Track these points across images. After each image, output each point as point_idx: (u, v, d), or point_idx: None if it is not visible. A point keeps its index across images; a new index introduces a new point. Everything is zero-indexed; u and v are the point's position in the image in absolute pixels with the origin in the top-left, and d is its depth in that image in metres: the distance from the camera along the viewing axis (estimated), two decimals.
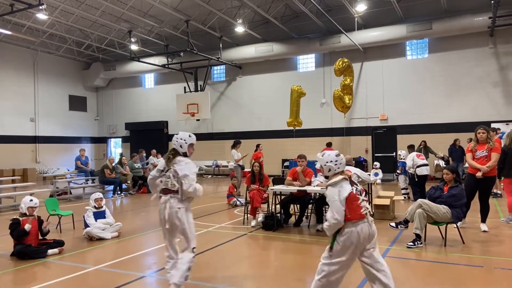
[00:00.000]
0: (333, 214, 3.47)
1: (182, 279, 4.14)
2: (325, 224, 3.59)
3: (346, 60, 15.05)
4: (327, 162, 3.71)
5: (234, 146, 12.63)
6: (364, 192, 3.72)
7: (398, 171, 11.59)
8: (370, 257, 3.62)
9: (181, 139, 4.34)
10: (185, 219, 4.24)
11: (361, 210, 3.53)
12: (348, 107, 15.40)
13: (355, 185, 3.64)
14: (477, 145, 6.84)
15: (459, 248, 5.90)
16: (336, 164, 3.70)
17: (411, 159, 10.14)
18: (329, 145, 16.29)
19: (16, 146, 19.95)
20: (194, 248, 4.28)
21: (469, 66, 16.02)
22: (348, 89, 15.22)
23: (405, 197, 10.78)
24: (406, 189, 11.09)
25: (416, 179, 9.91)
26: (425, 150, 15.13)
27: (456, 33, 15.69)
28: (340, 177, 3.63)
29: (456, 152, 14.22)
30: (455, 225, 6.16)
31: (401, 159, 11.57)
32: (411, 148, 11.30)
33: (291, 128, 16.89)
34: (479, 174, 6.66)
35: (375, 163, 15.16)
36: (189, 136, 4.40)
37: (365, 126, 17.89)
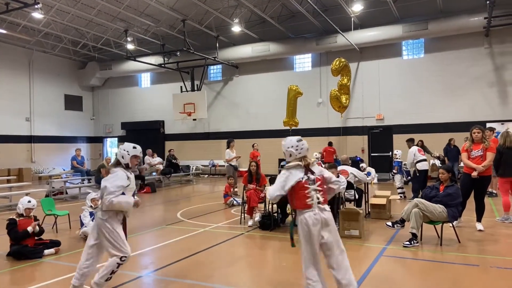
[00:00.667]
0: (271, 191, 3.69)
1: (102, 280, 4.08)
2: (268, 192, 3.80)
3: (343, 60, 15.09)
4: (288, 147, 3.79)
5: (228, 146, 12.59)
6: (320, 182, 3.69)
7: (394, 170, 11.64)
8: (331, 256, 3.68)
9: (124, 150, 4.26)
10: (108, 230, 4.07)
11: (307, 200, 3.58)
12: (345, 106, 15.46)
13: (309, 173, 3.67)
14: (472, 145, 6.89)
15: (455, 247, 5.94)
16: (297, 150, 3.76)
17: (413, 154, 10.20)
18: (330, 144, 16.37)
19: (12, 145, 19.83)
20: (122, 257, 4.07)
21: (465, 66, 16.10)
22: (345, 89, 15.27)
23: (401, 197, 10.82)
24: (402, 188, 11.14)
25: (418, 174, 9.96)
26: (422, 149, 15.21)
27: (452, 33, 15.76)
28: (295, 162, 3.70)
29: (451, 152, 14.28)
30: (451, 224, 6.21)
31: (397, 158, 11.62)
32: (411, 141, 11.09)
33: (288, 128, 16.91)
34: (474, 173, 6.70)
35: (361, 165, 15.12)
36: (133, 147, 4.30)
37: (361, 125, 17.94)
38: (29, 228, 5.81)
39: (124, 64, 21.63)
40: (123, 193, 4.09)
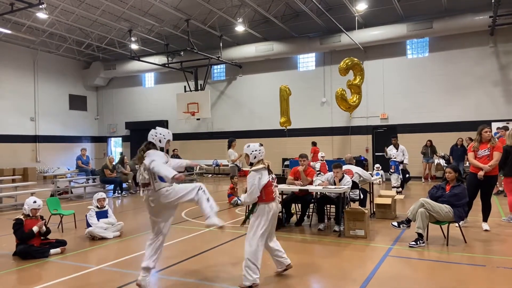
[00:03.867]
0: (249, 195, 4.42)
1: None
2: (242, 198, 4.59)
3: (355, 59, 14.84)
4: (253, 151, 4.58)
5: (230, 146, 12.52)
6: (276, 180, 4.72)
7: (391, 170, 11.72)
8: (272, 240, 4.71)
9: (161, 134, 4.44)
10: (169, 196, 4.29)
11: (273, 194, 4.55)
12: (354, 106, 15.29)
13: (271, 174, 4.61)
14: (479, 145, 6.85)
15: (461, 247, 5.91)
16: (260, 153, 4.59)
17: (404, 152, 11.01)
18: (314, 144, 16.31)
19: (17, 145, 19.94)
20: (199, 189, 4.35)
21: (470, 65, 16.02)
22: (356, 88, 15.08)
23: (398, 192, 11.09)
24: (398, 187, 11.31)
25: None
26: (431, 149, 15.24)
27: (457, 32, 15.69)
28: (262, 165, 4.53)
29: (457, 151, 14.24)
30: (457, 225, 6.17)
31: (394, 158, 11.70)
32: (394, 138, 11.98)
33: (283, 128, 16.85)
34: (481, 173, 6.66)
35: (376, 165, 15.34)
36: (168, 132, 4.54)
37: (366, 125, 17.90)
38: (35, 228, 5.83)
39: (128, 64, 21.68)
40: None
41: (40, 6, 13.59)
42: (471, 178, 6.94)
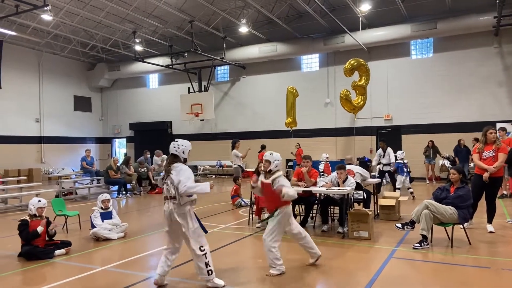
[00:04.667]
0: (293, 192, 4.86)
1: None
2: (291, 192, 4.83)
3: (361, 60, 14.78)
4: (276, 160, 5.04)
5: (234, 147, 12.51)
6: None
7: (391, 170, 11.71)
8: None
9: (183, 145, 4.63)
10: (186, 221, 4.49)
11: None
12: (359, 107, 15.25)
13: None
14: (484, 146, 6.81)
15: (466, 249, 5.89)
16: (280, 163, 5.10)
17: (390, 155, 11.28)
18: (263, 147, 16.30)
19: (21, 146, 20.06)
20: (201, 247, 4.51)
21: (474, 65, 15.96)
22: (361, 89, 15.02)
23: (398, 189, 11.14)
24: (399, 189, 11.29)
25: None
26: (433, 149, 15.16)
27: (461, 32, 15.64)
28: (281, 172, 5.13)
29: (461, 152, 14.18)
30: (461, 226, 6.15)
31: (399, 160, 11.65)
32: (383, 142, 11.94)
33: (289, 128, 16.86)
34: (485, 175, 6.63)
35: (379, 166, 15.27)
36: (188, 142, 4.74)
37: (370, 126, 17.86)
38: (39, 228, 5.85)
39: (132, 65, 21.77)
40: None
41: (45, 8, 13.66)
42: (476, 180, 6.90)
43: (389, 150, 11.54)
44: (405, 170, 11.26)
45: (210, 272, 4.48)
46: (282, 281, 4.75)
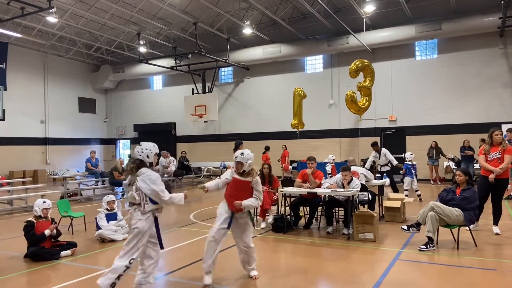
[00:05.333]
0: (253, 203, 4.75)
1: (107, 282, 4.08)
2: (252, 202, 4.76)
3: (366, 61, 14.76)
4: (248, 160, 4.80)
5: (237, 148, 12.48)
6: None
7: (401, 172, 11.63)
8: None
9: (147, 149, 4.30)
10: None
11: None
12: (364, 109, 15.21)
13: None
14: (490, 147, 6.78)
15: (472, 251, 5.86)
16: (252, 161, 4.87)
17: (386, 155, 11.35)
18: (267, 148, 16.27)
19: (27, 147, 20.16)
20: (131, 259, 4.15)
21: (479, 66, 15.89)
22: (366, 91, 14.98)
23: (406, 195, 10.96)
24: (407, 190, 11.20)
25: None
26: (436, 150, 15.09)
27: (466, 33, 15.58)
28: (258, 172, 5.02)
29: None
30: (467, 228, 6.11)
31: (407, 161, 11.58)
32: (376, 145, 11.90)
33: (295, 129, 16.85)
34: (491, 176, 6.59)
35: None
36: (153, 145, 4.39)
37: (374, 127, 17.81)
38: (47, 232, 5.89)
39: (137, 67, 21.84)
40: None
41: (50, 10, 13.76)
42: (482, 181, 6.87)
43: (384, 150, 11.51)
44: (413, 172, 11.19)
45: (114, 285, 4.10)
46: (286, 283, 4.74)
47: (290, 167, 17.22)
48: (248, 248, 4.86)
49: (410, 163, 11.40)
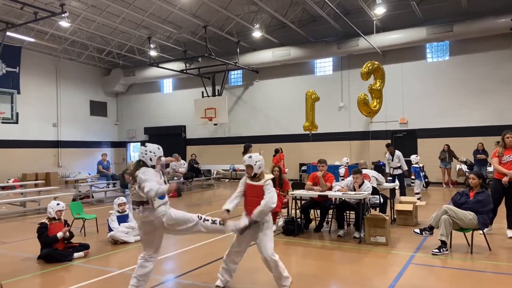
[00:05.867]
0: (272, 204, 4.44)
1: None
2: (265, 206, 4.42)
3: (376, 63, 14.71)
4: (257, 162, 4.62)
5: (246, 152, 12.48)
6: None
7: (412, 176, 11.55)
8: None
9: (151, 151, 4.21)
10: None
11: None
12: (375, 111, 15.13)
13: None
14: (504, 150, 6.69)
15: (486, 255, 5.78)
16: (263, 163, 4.69)
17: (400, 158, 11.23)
18: (277, 151, 16.14)
19: (39, 150, 20.43)
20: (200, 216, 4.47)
21: (492, 68, 15.69)
22: (377, 93, 14.89)
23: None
24: (419, 193, 11.14)
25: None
26: (449, 154, 14.94)
27: (478, 35, 15.40)
28: (271, 176, 4.67)
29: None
30: (481, 232, 6.03)
31: (414, 164, 11.51)
32: (390, 146, 11.92)
33: (307, 132, 16.83)
34: (505, 179, 6.50)
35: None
36: (158, 148, 4.29)
37: (385, 130, 17.68)
38: (59, 234, 5.95)
39: (147, 70, 22.03)
40: None
41: (63, 15, 13.97)
42: (495, 184, 6.78)
43: (398, 153, 11.48)
44: (422, 174, 11.12)
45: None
46: (297, 286, 4.72)
47: (286, 169, 16.69)
48: (266, 259, 4.46)
49: (417, 165, 11.33)
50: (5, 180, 17.62)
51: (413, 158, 12.21)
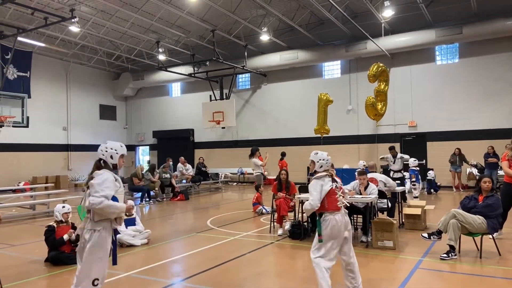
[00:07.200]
0: (311, 201, 4.15)
1: None
2: (306, 205, 4.25)
3: (381, 65, 14.66)
4: (320, 159, 4.37)
5: (253, 155, 12.50)
6: (342, 190, 4.37)
7: (412, 179, 11.47)
8: (344, 248, 4.22)
9: (112, 148, 3.81)
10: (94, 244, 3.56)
11: (337, 203, 4.20)
12: (381, 114, 15.05)
13: (335, 182, 4.31)
14: None
15: (495, 260, 5.68)
16: (326, 163, 4.37)
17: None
18: (283, 155, 16.06)
19: (49, 154, 20.67)
20: (95, 280, 3.58)
21: (502, 70, 15.49)
22: (382, 96, 14.81)
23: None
24: (417, 197, 11.14)
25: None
26: (459, 157, 14.78)
27: (488, 37, 15.23)
28: (325, 173, 4.31)
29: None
30: (490, 236, 5.92)
31: (413, 167, 11.45)
32: (393, 149, 11.97)
33: (319, 135, 16.77)
34: None
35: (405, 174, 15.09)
36: (121, 145, 3.91)
37: (393, 133, 17.54)
38: (65, 236, 5.99)
39: (156, 74, 22.19)
40: (114, 198, 3.62)
41: (73, 20, 14.17)
42: (505, 188, 6.67)
43: (400, 155, 11.73)
44: (420, 177, 11.20)
45: None
46: None
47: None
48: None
49: (416, 168, 11.27)
50: (15, 183, 17.84)
51: (411, 161, 12.15)
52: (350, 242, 4.26)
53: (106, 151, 3.81)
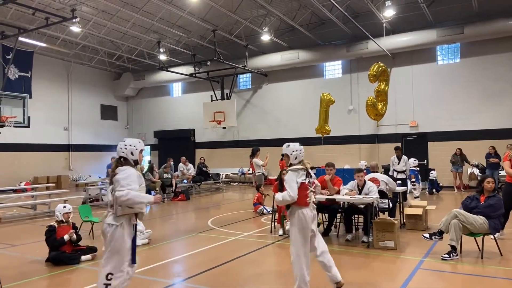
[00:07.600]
0: (289, 192, 4.13)
1: None
2: (279, 196, 4.22)
3: (382, 64, 14.65)
4: (293, 151, 4.37)
5: (254, 155, 12.50)
6: (314, 185, 4.38)
7: (412, 179, 11.46)
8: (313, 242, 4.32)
9: (131, 145, 3.95)
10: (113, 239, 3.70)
11: (307, 199, 4.23)
12: (381, 114, 15.03)
13: (309, 177, 4.31)
14: None
15: (497, 260, 5.66)
16: (300, 153, 4.39)
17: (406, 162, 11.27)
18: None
19: (51, 154, 20.68)
20: (108, 274, 3.71)
21: (504, 70, 15.46)
22: (382, 96, 14.80)
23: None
24: (418, 197, 11.16)
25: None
26: (461, 158, 14.77)
27: (489, 37, 15.20)
28: (300, 165, 4.31)
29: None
30: (492, 237, 5.90)
31: (413, 167, 11.44)
32: (398, 149, 11.92)
33: (319, 135, 16.75)
34: None
35: (431, 172, 15.08)
36: (139, 141, 4.07)
37: (395, 133, 17.52)
38: (66, 237, 5.99)
39: (157, 74, 22.20)
40: None
41: (74, 20, 14.18)
42: (507, 188, 6.66)
43: (405, 158, 11.59)
44: (420, 177, 11.20)
45: None
46: None
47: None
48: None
49: (416, 168, 11.27)
50: (16, 183, 17.86)
51: (411, 161, 12.12)
52: (319, 235, 4.41)
53: (126, 148, 3.95)
